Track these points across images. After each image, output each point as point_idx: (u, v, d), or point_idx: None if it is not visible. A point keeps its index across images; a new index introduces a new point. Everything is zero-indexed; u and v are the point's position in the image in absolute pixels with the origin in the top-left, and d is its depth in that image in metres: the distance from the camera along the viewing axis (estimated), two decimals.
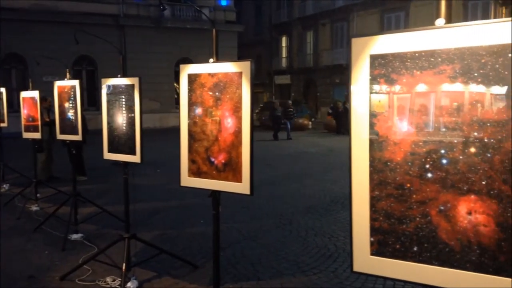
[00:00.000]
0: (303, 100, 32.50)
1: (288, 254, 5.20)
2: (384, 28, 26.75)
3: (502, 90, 1.42)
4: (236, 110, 2.99)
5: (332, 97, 30.25)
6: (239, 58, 28.20)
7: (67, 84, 5.93)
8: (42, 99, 8.60)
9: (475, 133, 1.46)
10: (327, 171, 10.79)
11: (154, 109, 26.31)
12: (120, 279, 4.22)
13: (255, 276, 4.56)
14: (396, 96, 1.61)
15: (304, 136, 20.22)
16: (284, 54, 38.12)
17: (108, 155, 4.59)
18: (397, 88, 1.61)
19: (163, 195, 8.47)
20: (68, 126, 5.99)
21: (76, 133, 5.85)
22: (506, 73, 1.41)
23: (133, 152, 4.29)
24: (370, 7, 28.60)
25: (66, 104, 5.98)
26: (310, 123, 25.36)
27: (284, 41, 37.97)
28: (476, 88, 1.46)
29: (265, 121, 28.47)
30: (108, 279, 4.38)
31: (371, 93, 1.67)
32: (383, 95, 1.64)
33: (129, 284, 4.17)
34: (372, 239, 1.70)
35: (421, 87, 1.56)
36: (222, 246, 5.38)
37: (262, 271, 4.69)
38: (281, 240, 5.73)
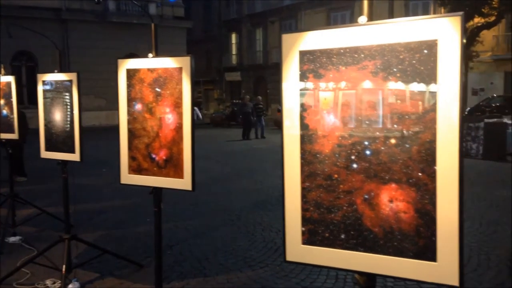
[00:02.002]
0: (253, 97, 32.67)
1: (235, 250, 5.23)
2: None
3: (418, 84, 1.51)
4: (177, 106, 2.97)
5: None
6: (188, 54, 27.85)
7: (2, 80, 5.64)
8: None
9: (395, 126, 1.54)
10: (276, 167, 10.89)
11: (100, 107, 25.58)
12: (60, 282, 4.08)
13: (201, 273, 4.56)
14: (323, 91, 1.67)
15: (254, 132, 20.30)
16: (234, 51, 38.14)
17: (45, 154, 4.42)
18: (324, 82, 1.67)
19: (108, 194, 8.27)
20: (3, 124, 5.71)
21: (13, 132, 5.59)
22: (422, 68, 1.49)
23: (72, 150, 4.16)
24: (317, 6, 29.20)
25: (1, 101, 5.69)
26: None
27: (233, 38, 37.99)
28: (395, 82, 1.54)
29: (215, 118, 28.34)
30: (48, 282, 4.23)
31: (301, 90, 1.72)
32: (310, 90, 1.70)
33: (70, 286, 4.05)
34: (303, 228, 1.75)
35: (346, 82, 1.62)
36: (169, 244, 5.36)
37: (209, 268, 4.69)
38: (228, 236, 5.75)
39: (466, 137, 12.67)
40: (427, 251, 1.53)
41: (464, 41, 1.45)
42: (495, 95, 22.32)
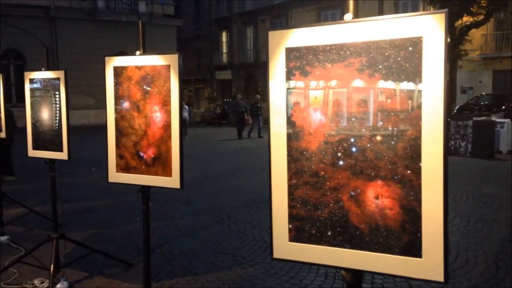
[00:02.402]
0: (244, 95, 32.64)
1: (225, 248, 5.22)
2: None
3: (403, 81, 1.51)
4: (165, 104, 2.95)
5: None
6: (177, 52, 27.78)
7: None
8: None
9: (381, 122, 1.55)
10: (267, 165, 10.91)
11: (89, 105, 25.41)
12: (48, 281, 4.05)
13: (191, 272, 4.55)
14: (311, 89, 1.67)
15: (244, 131, 20.25)
16: (224, 49, 38.03)
17: (33, 152, 4.38)
18: (310, 80, 1.67)
19: (98, 193, 8.21)
20: None
21: (0, 130, 5.54)
22: (407, 65, 1.50)
23: (60, 149, 4.12)
24: (308, 4, 29.25)
25: None
26: (250, 117, 25.39)
27: (224, 36, 37.88)
28: (380, 79, 1.54)
29: (206, 116, 28.27)
30: (36, 281, 4.19)
31: (287, 87, 1.72)
32: (297, 88, 1.70)
33: (58, 286, 4.01)
34: (290, 226, 1.75)
35: (332, 79, 1.62)
36: (159, 243, 5.34)
37: (198, 266, 4.68)
38: (219, 235, 5.74)
39: (455, 135, 12.79)
40: (413, 248, 1.54)
41: (448, 40, 1.45)
42: (483, 93, 22.55)
